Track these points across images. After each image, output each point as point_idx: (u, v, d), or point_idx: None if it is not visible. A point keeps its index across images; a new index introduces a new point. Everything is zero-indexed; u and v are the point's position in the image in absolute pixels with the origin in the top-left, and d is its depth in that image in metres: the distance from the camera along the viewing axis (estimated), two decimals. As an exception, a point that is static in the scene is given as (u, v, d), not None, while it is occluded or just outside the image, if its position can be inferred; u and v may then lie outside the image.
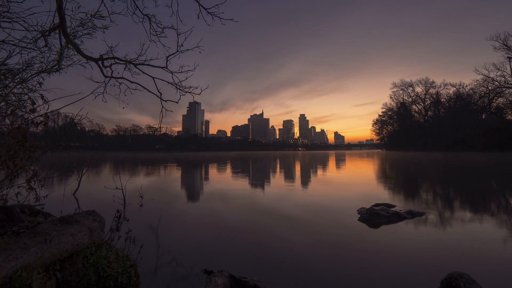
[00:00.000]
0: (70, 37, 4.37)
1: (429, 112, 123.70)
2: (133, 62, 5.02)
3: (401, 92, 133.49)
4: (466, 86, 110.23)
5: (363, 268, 3.91)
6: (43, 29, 4.17)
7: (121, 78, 5.11)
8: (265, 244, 4.83)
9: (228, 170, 22.20)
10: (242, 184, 13.15)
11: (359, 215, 6.72)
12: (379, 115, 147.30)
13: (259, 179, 15.45)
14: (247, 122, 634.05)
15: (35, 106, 3.43)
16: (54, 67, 4.41)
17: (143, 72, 5.23)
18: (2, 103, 3.58)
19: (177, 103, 5.66)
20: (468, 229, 5.72)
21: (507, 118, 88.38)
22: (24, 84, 3.83)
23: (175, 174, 18.70)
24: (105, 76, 5.05)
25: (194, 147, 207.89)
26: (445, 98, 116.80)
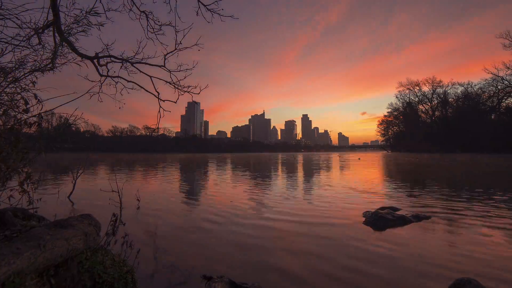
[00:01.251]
0: (65, 34, 4.37)
1: (436, 112, 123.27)
2: (130, 60, 5.01)
3: (407, 91, 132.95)
4: (475, 85, 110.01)
5: (369, 273, 3.90)
6: (37, 26, 4.17)
7: (117, 77, 5.10)
8: (266, 249, 4.82)
9: (228, 172, 22.22)
10: (243, 186, 13.14)
11: (364, 219, 6.72)
12: (385, 115, 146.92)
13: (261, 181, 15.45)
14: (247, 123, 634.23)
15: (28, 106, 3.43)
16: (48, 66, 4.41)
17: (140, 71, 5.22)
18: (-6, 103, 3.59)
19: (175, 103, 5.65)
20: (478, 234, 5.71)
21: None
22: (16, 83, 3.83)
23: (172, 177, 18.70)
24: (101, 75, 5.04)
25: (193, 149, 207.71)
26: (453, 98, 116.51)
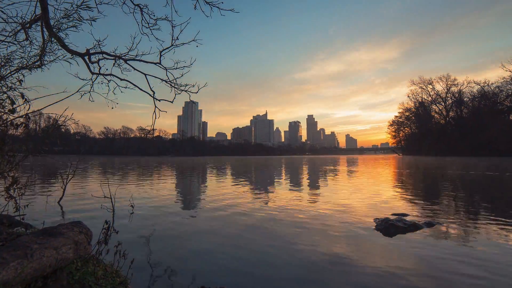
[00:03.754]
0: (54, 29, 4.37)
1: (450, 113, 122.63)
2: (123, 57, 5.02)
3: (419, 90, 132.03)
4: (492, 84, 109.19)
5: (380, 280, 3.88)
6: (24, 21, 4.18)
7: (110, 75, 5.10)
8: (270, 257, 4.80)
9: (228, 171, 22.22)
10: (244, 190, 13.11)
11: (374, 225, 6.71)
12: (396, 116, 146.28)
13: (266, 185, 15.43)
14: (249, 124, 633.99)
15: (14, 106, 3.44)
16: (36, 63, 4.42)
17: (134, 69, 5.22)
18: (-21, 103, 3.59)
19: (172, 102, 5.65)
20: (494, 242, 5.68)
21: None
22: (2, 82, 3.84)
23: (168, 182, 18.70)
24: (92, 73, 5.04)
25: (190, 152, 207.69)
26: (468, 97, 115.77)
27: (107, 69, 5.11)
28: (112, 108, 5.53)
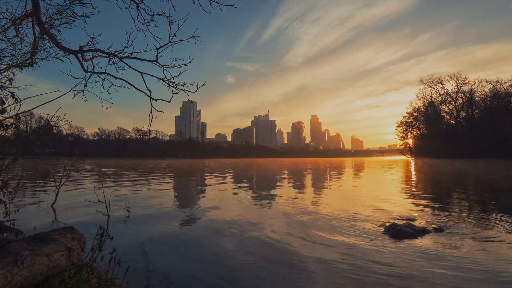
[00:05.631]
0: (46, 26, 4.37)
1: (461, 113, 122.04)
2: (118, 54, 5.01)
3: (429, 89, 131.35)
4: (504, 83, 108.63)
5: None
6: (14, 16, 4.18)
7: (104, 73, 5.09)
8: (274, 264, 4.78)
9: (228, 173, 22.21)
10: (244, 193, 13.08)
11: (382, 231, 6.70)
12: (404, 117, 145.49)
13: (272, 190, 15.42)
14: (250, 125, 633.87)
15: (4, 106, 3.43)
16: (27, 61, 4.42)
17: (130, 67, 5.21)
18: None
19: (169, 102, 5.63)
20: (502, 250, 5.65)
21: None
22: (-8, 81, 3.83)
23: (166, 186, 18.71)
24: (86, 71, 5.02)
25: (188, 154, 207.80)
26: (480, 97, 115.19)
27: (101, 67, 5.09)
28: (107, 108, 5.51)
